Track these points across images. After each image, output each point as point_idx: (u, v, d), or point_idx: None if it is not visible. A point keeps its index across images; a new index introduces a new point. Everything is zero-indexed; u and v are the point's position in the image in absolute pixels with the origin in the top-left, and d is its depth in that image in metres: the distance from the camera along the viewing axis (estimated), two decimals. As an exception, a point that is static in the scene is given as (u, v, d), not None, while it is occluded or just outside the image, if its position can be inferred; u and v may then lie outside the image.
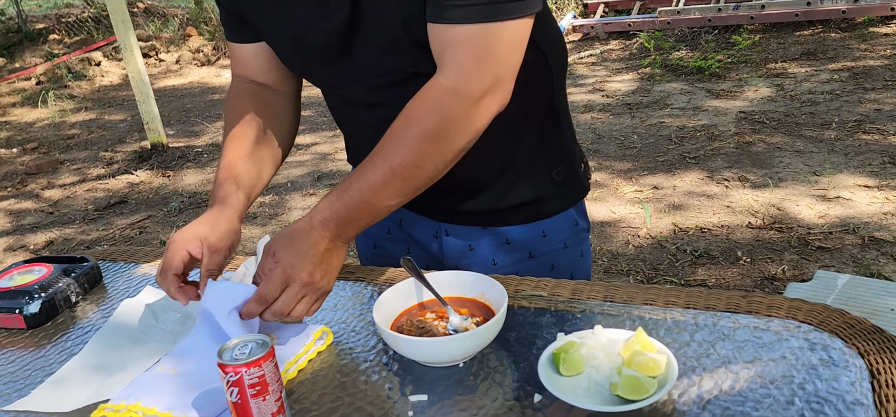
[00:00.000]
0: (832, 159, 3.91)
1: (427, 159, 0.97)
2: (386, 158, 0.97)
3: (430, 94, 0.97)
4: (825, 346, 0.90)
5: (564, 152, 1.21)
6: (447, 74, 0.95)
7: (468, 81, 0.94)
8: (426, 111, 0.96)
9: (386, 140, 0.98)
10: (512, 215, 1.21)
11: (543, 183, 1.20)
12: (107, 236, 4.26)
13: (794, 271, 2.91)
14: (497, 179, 1.17)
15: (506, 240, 1.22)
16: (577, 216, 1.26)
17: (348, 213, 0.99)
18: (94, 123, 6.96)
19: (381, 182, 0.97)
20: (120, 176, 5.30)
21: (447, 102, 0.95)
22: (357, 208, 0.99)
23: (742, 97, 5.17)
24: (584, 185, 1.26)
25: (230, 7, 1.15)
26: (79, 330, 1.17)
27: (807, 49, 6.06)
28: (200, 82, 8.17)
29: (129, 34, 5.15)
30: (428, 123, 0.96)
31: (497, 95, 0.97)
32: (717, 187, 3.77)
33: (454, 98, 0.95)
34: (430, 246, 1.27)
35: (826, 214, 3.32)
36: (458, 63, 0.94)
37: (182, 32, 9.33)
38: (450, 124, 0.96)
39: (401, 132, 0.97)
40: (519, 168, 1.17)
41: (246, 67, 1.21)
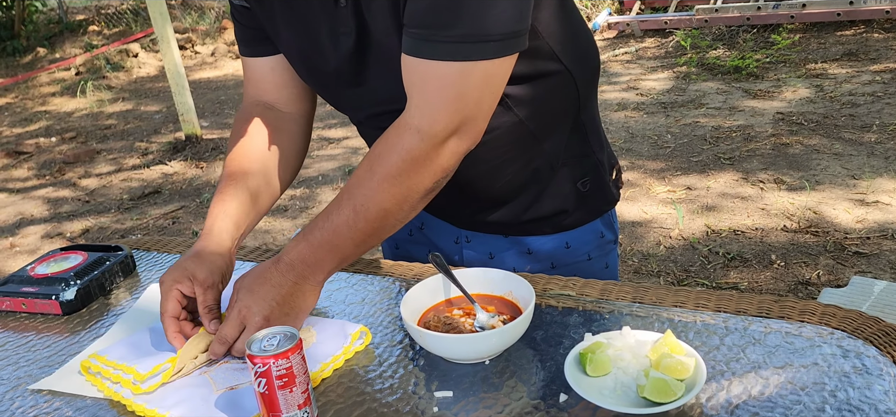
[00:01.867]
0: (872, 162, 3.82)
1: (389, 200, 0.94)
2: (350, 199, 0.95)
3: (394, 133, 0.94)
4: (859, 353, 0.88)
5: (591, 163, 1.18)
6: (413, 112, 0.93)
7: (433, 122, 0.91)
8: (388, 151, 0.93)
9: (350, 181, 0.97)
10: (534, 226, 1.19)
11: (568, 195, 1.17)
12: (141, 225, 4.34)
13: (829, 276, 2.85)
14: (520, 192, 1.15)
15: (527, 250, 1.20)
16: (603, 228, 1.23)
17: (313, 254, 0.98)
18: (131, 114, 7.09)
19: (345, 224, 0.96)
20: (154, 166, 5.39)
21: (409, 143, 0.92)
22: (321, 249, 0.97)
23: (780, 98, 5.07)
24: (611, 195, 1.23)
25: (247, 21, 1.13)
26: (112, 317, 1.20)
27: (848, 49, 5.91)
28: (235, 75, 8.27)
29: (166, 27, 5.23)
30: (390, 163, 0.93)
31: (464, 137, 0.94)
32: (752, 188, 3.70)
33: (417, 138, 0.91)
34: (450, 252, 1.26)
35: (864, 218, 3.24)
36: (425, 101, 0.91)
37: (218, 25, 9.46)
38: (412, 165, 0.92)
39: (364, 173, 0.95)
40: (542, 180, 1.15)
41: (260, 85, 1.18)
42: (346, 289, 1.19)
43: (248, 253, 1.39)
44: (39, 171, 5.64)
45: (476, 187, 1.04)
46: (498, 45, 0.88)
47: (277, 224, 4.06)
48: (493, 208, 1.17)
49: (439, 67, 0.89)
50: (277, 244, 3.75)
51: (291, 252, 0.98)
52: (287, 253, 0.99)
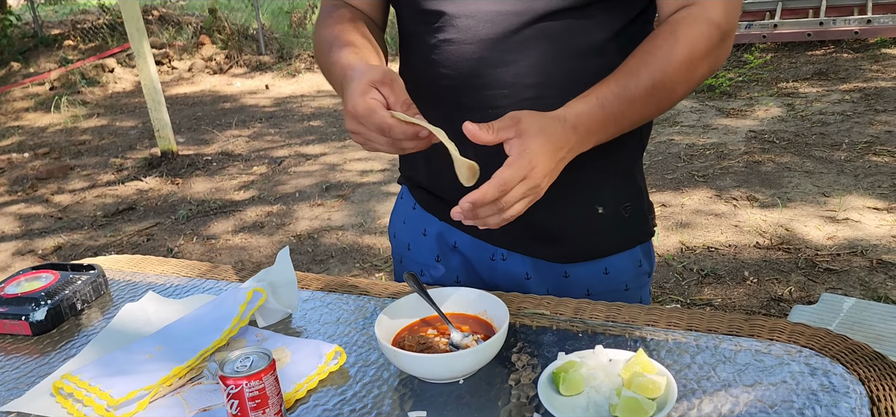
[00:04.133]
0: (842, 180, 3.89)
1: (682, 84, 0.98)
2: (650, 73, 0.95)
3: (700, 23, 0.97)
4: (826, 372, 0.90)
5: (636, 190, 1.16)
6: (711, 9, 0.97)
7: (730, 20, 0.98)
8: (696, 38, 0.96)
9: (647, 57, 0.96)
10: (572, 249, 1.15)
11: (610, 215, 1.14)
12: (114, 242, 4.29)
13: (800, 292, 2.90)
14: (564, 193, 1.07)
15: (565, 273, 1.17)
16: (642, 257, 1.19)
17: (602, 121, 0.94)
18: (106, 130, 7.02)
19: (642, 96, 0.95)
20: (129, 183, 5.33)
21: (714, 35, 0.97)
22: (610, 117, 0.95)
23: (752, 116, 5.16)
24: (648, 227, 1.20)
25: None
26: (83, 337, 1.18)
27: (819, 69, 6.04)
28: (212, 91, 8.23)
29: (142, 42, 5.20)
30: (697, 48, 0.96)
31: (728, 43, 1.01)
32: (726, 205, 3.76)
33: (718, 32, 0.97)
34: (484, 272, 1.21)
35: (834, 235, 3.30)
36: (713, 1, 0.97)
37: (195, 40, 9.41)
38: (710, 56, 0.98)
39: (668, 53, 0.96)
40: (588, 187, 1.11)
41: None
42: (321, 309, 1.19)
43: (232, 274, 1.38)
44: (11, 187, 5.55)
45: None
46: None
47: (253, 241, 4.04)
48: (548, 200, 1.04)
49: None
50: (253, 261, 3.73)
51: (582, 114, 0.93)
52: (575, 114, 0.92)
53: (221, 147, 6.01)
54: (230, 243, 4.05)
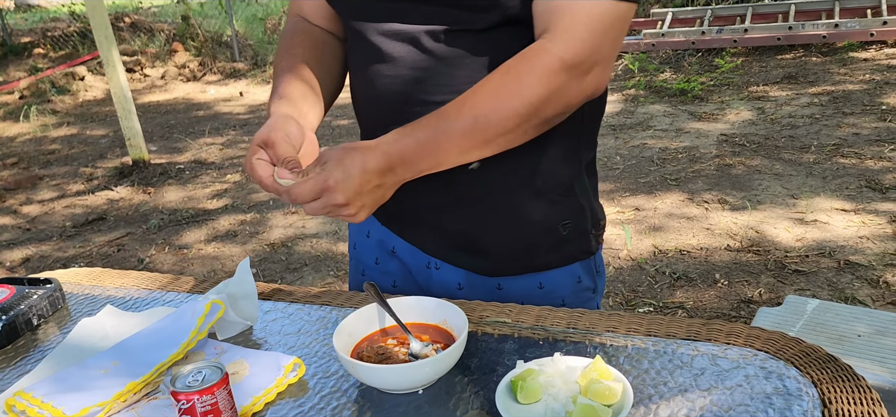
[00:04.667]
0: (810, 182, 3.95)
1: (514, 121, 0.94)
2: (472, 108, 0.94)
3: (533, 56, 0.93)
4: (780, 375, 0.91)
5: (577, 206, 1.14)
6: (556, 39, 0.92)
7: (576, 53, 0.92)
8: (526, 71, 0.93)
9: (476, 91, 0.95)
10: (505, 263, 1.15)
11: (545, 232, 1.13)
12: (84, 253, 4.22)
13: (770, 293, 2.93)
14: (494, 212, 1.10)
15: (498, 286, 1.16)
16: (581, 272, 1.17)
17: (415, 152, 0.95)
18: (76, 139, 6.92)
19: (461, 132, 0.94)
20: (100, 192, 5.26)
21: (550, 67, 0.92)
22: (426, 150, 0.95)
23: (724, 120, 5.22)
24: (589, 246, 1.18)
25: None
26: (38, 353, 1.16)
27: (788, 73, 6.14)
28: (185, 98, 8.15)
29: (111, 49, 5.13)
30: (526, 84, 0.92)
31: (597, 77, 0.95)
32: (698, 208, 3.79)
33: (558, 66, 0.92)
34: (420, 278, 1.21)
35: (803, 237, 3.35)
36: (571, 32, 0.91)
37: (168, 48, 9.32)
38: (551, 92, 0.93)
39: (494, 87, 0.94)
40: (523, 198, 1.11)
41: (300, 8, 1.19)
42: (282, 320, 1.17)
43: (193, 286, 1.36)
44: (-22, 198, 5.45)
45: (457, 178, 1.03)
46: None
47: (226, 250, 4.00)
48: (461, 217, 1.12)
49: (591, 4, 0.91)
50: (226, 271, 3.69)
51: (393, 145, 0.94)
52: (387, 143, 0.94)
53: (194, 155, 5.95)
54: (202, 252, 4.01)
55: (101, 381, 1.00)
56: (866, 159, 4.17)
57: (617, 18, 0.92)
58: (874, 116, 4.88)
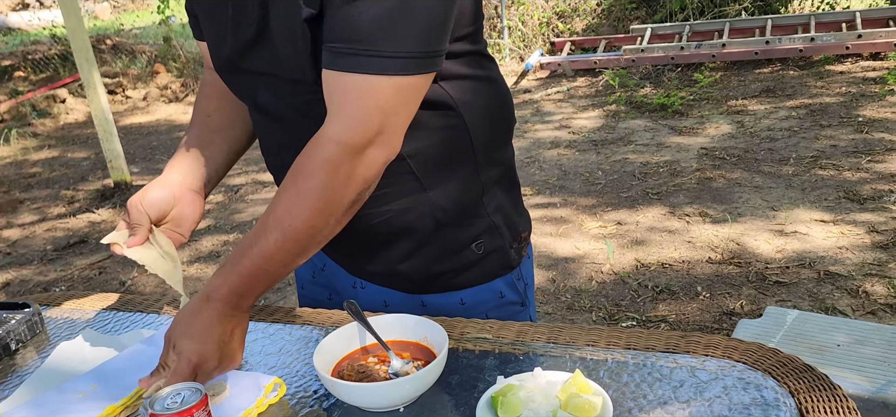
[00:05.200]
0: (790, 194, 4.00)
1: (316, 217, 0.95)
2: (276, 221, 0.96)
3: (314, 146, 0.95)
4: (758, 385, 0.92)
5: (485, 225, 1.15)
6: (332, 123, 0.94)
7: (351, 132, 0.92)
8: (310, 165, 0.94)
9: (276, 203, 0.97)
10: (424, 284, 1.17)
11: (459, 254, 1.15)
12: (65, 276, 4.18)
13: (751, 305, 2.96)
14: (397, 236, 1.12)
15: (422, 303, 1.18)
16: (503, 287, 1.19)
17: (243, 284, 0.98)
18: (57, 161, 6.86)
19: (275, 248, 0.96)
20: (81, 215, 5.21)
21: (329, 153, 0.93)
22: (253, 278, 0.98)
23: (704, 134, 5.28)
24: (510, 261, 1.19)
25: (188, 7, 1.18)
26: (17, 378, 1.15)
27: (766, 86, 6.22)
28: (167, 119, 8.12)
29: (92, 72, 5.11)
30: (313, 177, 0.94)
31: (382, 148, 0.95)
32: (679, 222, 3.82)
33: (336, 148, 0.93)
34: (347, 296, 1.24)
35: (783, 248, 3.38)
36: (344, 113, 0.93)
37: (150, 69, 9.28)
38: (333, 177, 0.93)
39: (288, 191, 0.96)
40: (423, 231, 1.12)
41: (209, 62, 1.23)
42: (263, 340, 1.17)
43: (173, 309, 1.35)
44: (-44, 223, 5.38)
45: (357, 229, 1.06)
46: (414, 62, 0.91)
47: (209, 271, 3.97)
48: (378, 256, 1.15)
49: (358, 80, 0.91)
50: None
51: (222, 288, 0.98)
52: (217, 289, 0.98)
53: (177, 176, 5.90)
54: (185, 274, 3.98)
55: (79, 405, 0.99)
56: (844, 171, 4.22)
57: (389, 91, 0.92)
58: (851, 127, 4.95)
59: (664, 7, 7.97)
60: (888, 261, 3.15)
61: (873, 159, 4.33)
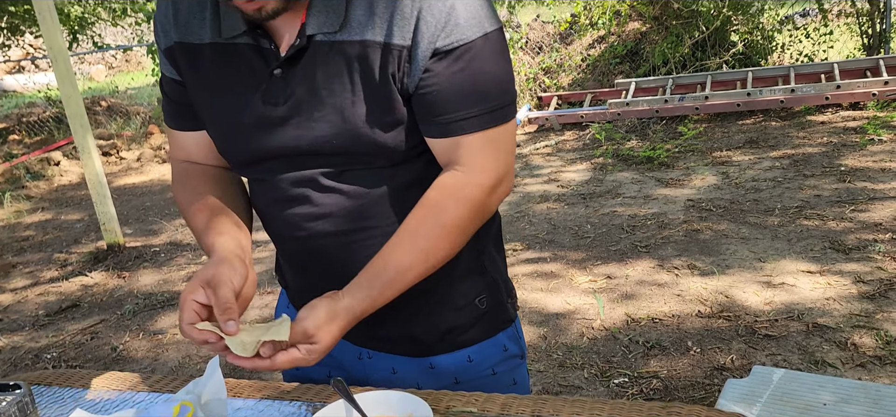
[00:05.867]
0: (776, 244, 4.05)
1: (451, 246, 1.09)
2: (422, 254, 1.07)
3: (453, 185, 1.07)
4: (732, 457, 0.94)
5: (488, 280, 1.25)
6: (464, 169, 1.07)
7: (490, 175, 1.08)
8: (454, 204, 1.07)
9: (411, 228, 1.07)
10: (434, 344, 1.23)
11: (465, 310, 1.23)
12: (57, 342, 4.16)
13: (741, 360, 2.98)
14: (414, 299, 1.17)
15: (430, 365, 1.24)
16: (506, 341, 1.27)
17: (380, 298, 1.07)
18: (51, 224, 6.87)
19: (413, 278, 1.08)
20: (74, 278, 5.21)
21: (473, 195, 1.07)
22: (385, 292, 1.07)
23: (690, 185, 5.35)
24: (509, 314, 1.28)
25: (176, 96, 1.19)
26: (8, 462, 1.16)
27: (749, 137, 6.34)
28: (161, 180, 8.17)
29: (86, 137, 5.17)
30: (458, 215, 1.07)
31: (507, 183, 1.11)
32: (668, 275, 3.86)
33: (478, 191, 1.07)
34: (353, 369, 1.28)
35: (771, 300, 3.42)
36: (476, 161, 1.07)
37: (144, 130, 9.37)
38: (475, 214, 1.09)
39: (432, 228, 1.07)
40: (438, 291, 1.20)
41: (188, 155, 1.25)
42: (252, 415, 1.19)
43: (164, 385, 1.37)
44: (-53, 289, 5.36)
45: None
46: (513, 105, 1.10)
47: (202, 335, 3.97)
48: (389, 314, 1.18)
49: (487, 133, 1.06)
50: (201, 356, 3.65)
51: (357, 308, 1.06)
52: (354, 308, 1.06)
53: (170, 237, 5.94)
54: (177, 337, 3.97)
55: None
56: (829, 220, 4.29)
57: (504, 136, 1.08)
58: (834, 177, 5.04)
59: (647, 61, 8.15)
60: (875, 312, 3.19)
61: (857, 209, 4.41)
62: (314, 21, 1.03)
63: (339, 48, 1.03)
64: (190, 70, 1.14)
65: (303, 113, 1.06)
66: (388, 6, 1.01)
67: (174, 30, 1.13)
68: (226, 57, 1.09)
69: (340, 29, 1.02)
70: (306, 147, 1.08)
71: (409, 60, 1.01)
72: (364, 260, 1.10)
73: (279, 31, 1.07)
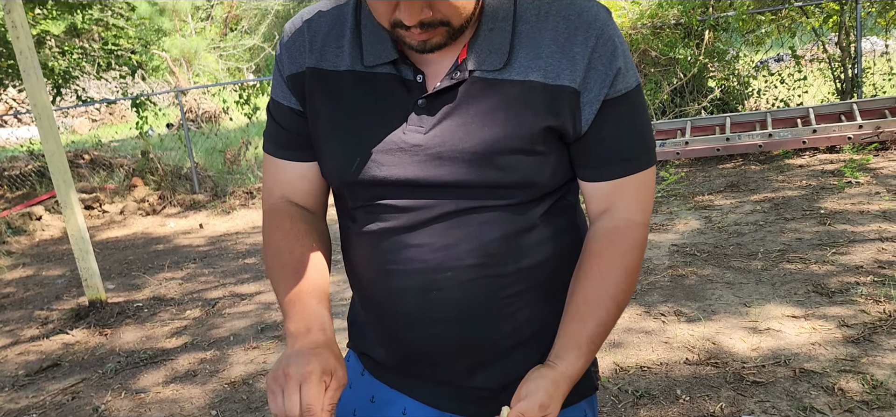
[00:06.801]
0: (760, 289, 4.09)
1: (631, 289, 1.12)
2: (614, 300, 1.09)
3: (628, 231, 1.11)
4: None
5: None
6: (632, 211, 1.12)
7: (645, 213, 1.13)
8: (629, 247, 1.11)
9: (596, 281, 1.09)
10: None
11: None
12: (37, 403, 4.08)
13: (731, 407, 2.98)
14: (520, 344, 1.16)
15: None
16: (587, 408, 1.24)
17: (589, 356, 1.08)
18: (31, 280, 6.78)
19: (611, 320, 1.10)
20: (54, 336, 5.13)
21: (641, 236, 1.12)
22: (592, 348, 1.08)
23: (674, 230, 5.41)
24: (592, 381, 1.25)
25: (290, 124, 1.16)
26: None
27: (730, 181, 6.43)
28: (144, 233, 8.11)
29: (69, 192, 5.14)
30: (634, 256, 1.11)
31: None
32: (655, 322, 3.88)
33: (643, 231, 1.13)
34: None
35: (758, 346, 3.44)
36: (640, 201, 1.13)
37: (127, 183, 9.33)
38: (642, 254, 1.13)
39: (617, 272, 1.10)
40: (541, 338, 1.16)
41: (288, 186, 1.21)
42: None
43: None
44: (-76, 350, 5.25)
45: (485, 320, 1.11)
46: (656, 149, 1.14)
47: (185, 392, 3.91)
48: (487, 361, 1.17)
49: (645, 174, 1.12)
50: (185, 414, 3.60)
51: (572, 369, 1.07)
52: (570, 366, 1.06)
53: (153, 292, 5.88)
54: (160, 395, 3.91)
55: None
56: (811, 264, 4.34)
57: (653, 178, 1.16)
58: (814, 220, 5.12)
59: (629, 107, 8.28)
60: (860, 356, 3.21)
61: (837, 252, 4.47)
62: (475, 57, 1.04)
63: (499, 87, 1.04)
64: (321, 95, 1.12)
65: (447, 145, 1.05)
66: (557, 51, 1.04)
67: (309, 55, 1.12)
68: (364, 84, 1.09)
69: (503, 67, 1.04)
70: (445, 179, 1.07)
71: (578, 104, 1.05)
72: (480, 302, 1.10)
73: (430, 62, 1.07)
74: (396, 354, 1.20)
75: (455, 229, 1.09)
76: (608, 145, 1.08)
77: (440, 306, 1.10)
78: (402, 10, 0.95)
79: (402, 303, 1.12)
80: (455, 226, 1.09)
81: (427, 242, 1.10)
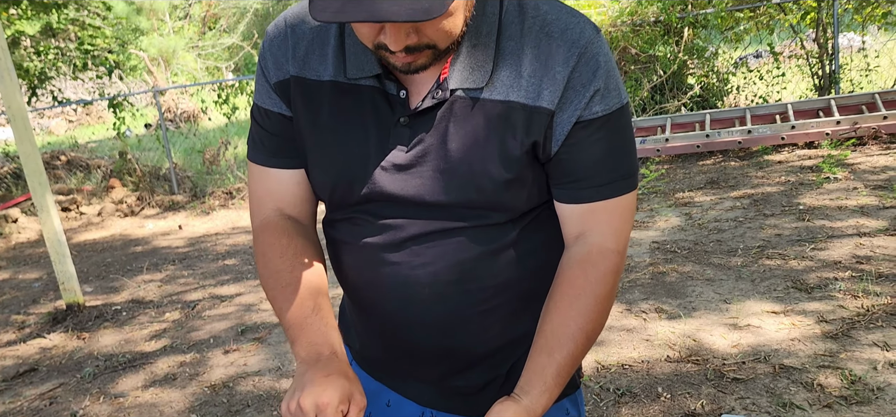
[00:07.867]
0: (740, 285, 4.12)
1: (603, 318, 1.09)
2: (582, 332, 1.06)
3: (600, 259, 1.08)
4: None
5: None
6: (606, 238, 1.09)
7: (621, 241, 1.11)
8: (601, 276, 1.08)
9: (565, 310, 1.07)
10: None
11: None
12: (14, 409, 4.01)
13: (712, 405, 3.00)
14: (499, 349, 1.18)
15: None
16: (568, 406, 1.26)
17: (556, 390, 1.06)
18: (8, 284, 6.68)
19: (580, 352, 1.07)
20: (31, 341, 5.05)
21: (615, 264, 1.09)
22: (559, 381, 1.06)
23: (654, 227, 5.44)
24: (574, 380, 1.26)
25: (278, 129, 1.14)
26: None
27: (710, 178, 6.48)
28: (122, 234, 8.02)
29: (45, 195, 5.06)
30: (607, 284, 1.08)
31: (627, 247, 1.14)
32: (636, 319, 3.89)
33: (617, 258, 1.10)
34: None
35: (738, 343, 3.46)
36: (615, 227, 1.10)
37: (105, 184, 9.21)
38: (616, 281, 1.11)
39: (587, 302, 1.07)
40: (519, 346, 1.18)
41: (279, 196, 1.18)
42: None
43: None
44: None
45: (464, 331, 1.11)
46: (638, 176, 1.13)
47: (165, 395, 3.86)
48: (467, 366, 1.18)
49: (622, 200, 1.09)
50: (165, 420, 3.55)
51: (536, 404, 1.04)
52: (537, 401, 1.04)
53: (132, 294, 5.80)
54: (140, 400, 3.86)
55: None
56: (790, 260, 4.38)
57: (633, 203, 1.13)
58: (793, 216, 5.17)
59: (610, 105, 8.31)
60: (839, 351, 3.24)
61: (816, 247, 4.52)
62: (458, 75, 1.03)
63: (481, 105, 1.03)
64: (304, 106, 1.10)
65: (428, 163, 1.05)
66: (539, 70, 1.02)
67: (292, 63, 1.10)
68: (347, 96, 1.08)
69: (485, 87, 1.03)
70: (425, 198, 1.07)
71: (551, 124, 1.03)
72: (458, 314, 1.10)
73: (414, 80, 1.06)
74: (380, 350, 1.22)
75: (433, 248, 1.09)
76: (582, 167, 1.06)
77: (419, 314, 1.12)
78: (387, 35, 0.93)
79: (382, 308, 1.15)
80: (433, 246, 1.09)
81: (405, 260, 1.10)
